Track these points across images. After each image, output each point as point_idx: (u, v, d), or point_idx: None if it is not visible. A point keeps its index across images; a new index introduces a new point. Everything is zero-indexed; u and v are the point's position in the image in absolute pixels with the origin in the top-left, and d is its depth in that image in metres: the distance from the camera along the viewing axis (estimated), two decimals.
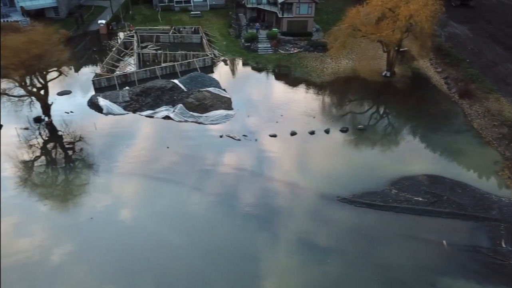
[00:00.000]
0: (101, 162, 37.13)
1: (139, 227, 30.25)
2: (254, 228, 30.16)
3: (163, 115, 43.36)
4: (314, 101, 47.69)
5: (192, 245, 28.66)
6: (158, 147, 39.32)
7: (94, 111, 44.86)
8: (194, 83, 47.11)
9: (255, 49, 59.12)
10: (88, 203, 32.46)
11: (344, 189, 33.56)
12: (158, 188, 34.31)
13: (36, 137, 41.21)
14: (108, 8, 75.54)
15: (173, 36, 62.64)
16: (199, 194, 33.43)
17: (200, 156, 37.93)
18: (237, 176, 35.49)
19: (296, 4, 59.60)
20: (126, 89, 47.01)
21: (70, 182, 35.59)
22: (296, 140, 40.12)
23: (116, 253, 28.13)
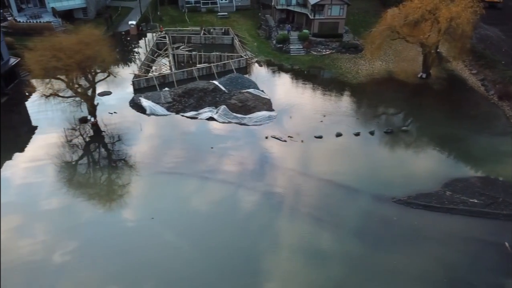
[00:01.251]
0: (149, 162, 37.50)
1: (197, 226, 30.63)
2: (316, 229, 30.40)
3: (207, 117, 43.64)
4: (354, 103, 47.95)
5: (254, 244, 29.00)
6: (202, 147, 39.64)
7: (136, 111, 45.27)
8: (234, 85, 47.39)
9: (288, 50, 59.37)
10: (146, 203, 32.84)
11: (397, 191, 33.79)
12: (212, 188, 34.64)
13: (82, 137, 41.66)
14: (134, 9, 76.10)
15: (204, 37, 62.95)
16: (254, 194, 33.68)
17: (248, 157, 38.21)
18: (288, 177, 35.69)
19: (328, 5, 59.82)
20: (167, 90, 47.33)
21: (122, 182, 35.81)
22: (342, 141, 40.35)
23: (183, 251, 28.52)
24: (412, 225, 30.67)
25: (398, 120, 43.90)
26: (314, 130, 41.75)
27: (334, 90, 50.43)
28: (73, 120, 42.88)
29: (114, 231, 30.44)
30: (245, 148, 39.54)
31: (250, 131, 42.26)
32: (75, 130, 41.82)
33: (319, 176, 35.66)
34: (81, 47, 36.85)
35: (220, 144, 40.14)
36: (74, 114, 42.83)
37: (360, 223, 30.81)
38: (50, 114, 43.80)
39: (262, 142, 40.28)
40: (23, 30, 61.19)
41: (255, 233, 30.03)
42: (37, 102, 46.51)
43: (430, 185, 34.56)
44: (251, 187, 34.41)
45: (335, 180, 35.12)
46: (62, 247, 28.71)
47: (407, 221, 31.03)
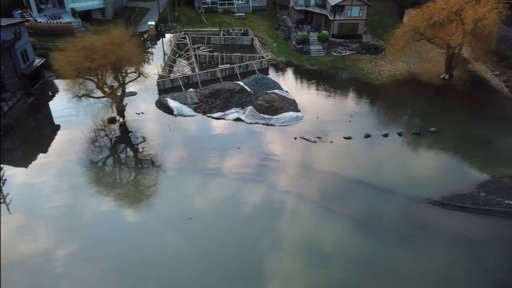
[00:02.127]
0: (179, 162, 37.66)
1: (237, 226, 30.75)
2: (356, 231, 30.42)
3: (234, 118, 43.74)
4: (379, 103, 48.04)
5: (288, 244, 29.14)
6: (230, 147, 39.72)
7: (163, 112, 45.47)
8: (259, 85, 47.51)
9: (308, 51, 59.49)
10: (184, 203, 33.00)
11: (431, 192, 33.84)
12: (246, 188, 34.67)
13: (109, 137, 41.83)
14: (151, 9, 76.38)
15: (224, 38, 63.11)
16: (288, 195, 33.74)
17: (278, 158, 38.30)
18: (321, 178, 35.75)
19: (348, 6, 59.94)
20: (192, 91, 47.47)
21: (152, 182, 36.00)
22: (371, 142, 40.43)
23: (222, 250, 28.67)
24: (449, 226, 30.69)
25: (424, 121, 43.80)
26: (342, 131, 41.87)
27: (358, 91, 50.51)
28: (100, 121, 43.10)
29: (151, 231, 30.66)
30: (274, 149, 39.62)
31: (277, 132, 42.33)
32: (103, 131, 41.99)
33: (352, 177, 35.62)
34: (114, 48, 37.01)
35: (248, 144, 40.31)
36: (102, 115, 43.08)
37: (397, 225, 30.83)
38: (76, 114, 44.23)
39: (291, 142, 40.38)
40: (43, 30, 61.45)
41: (297, 235, 30.18)
42: (62, 102, 47.36)
43: (463, 186, 34.63)
44: (284, 187, 34.49)
45: (368, 181, 35.10)
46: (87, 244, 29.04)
47: (444, 222, 31.06)
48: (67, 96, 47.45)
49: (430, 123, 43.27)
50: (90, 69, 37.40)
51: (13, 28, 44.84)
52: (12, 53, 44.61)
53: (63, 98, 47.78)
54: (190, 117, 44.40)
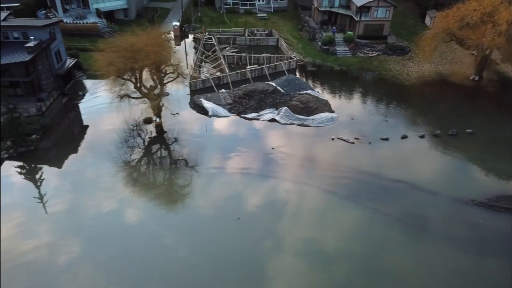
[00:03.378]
0: (217, 162, 37.92)
1: (282, 226, 30.88)
2: (404, 232, 30.51)
3: (269, 118, 43.85)
4: (411, 104, 48.00)
5: (334, 243, 29.28)
6: (265, 147, 39.91)
7: (197, 112, 45.62)
8: (292, 86, 47.56)
9: (334, 52, 59.55)
10: (231, 203, 33.11)
11: (475, 193, 33.93)
12: (285, 188, 34.83)
13: (144, 137, 41.98)
14: (172, 10, 76.56)
15: (249, 39, 63.23)
16: (333, 196, 33.84)
17: (318, 158, 38.36)
18: (363, 179, 35.76)
19: (375, 7, 59.99)
20: (225, 91, 47.58)
21: (194, 182, 36.13)
22: (408, 143, 40.50)
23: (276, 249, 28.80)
24: (499, 227, 30.76)
25: (459, 122, 43.73)
26: (378, 132, 41.97)
27: (388, 92, 50.57)
28: (136, 121, 43.29)
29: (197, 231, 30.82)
30: (313, 149, 39.71)
31: (313, 132, 42.46)
32: (139, 131, 42.18)
33: (394, 178, 35.69)
34: (157, 48, 37.14)
35: (284, 145, 40.41)
36: (138, 115, 43.33)
37: (446, 226, 30.88)
38: (110, 115, 44.34)
39: (329, 143, 40.47)
40: (70, 31, 61.52)
41: (339, 236, 30.30)
42: (95, 102, 47.63)
43: (507, 188, 34.72)
44: (329, 188, 34.59)
45: (410, 182, 35.17)
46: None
47: (492, 223, 31.10)
48: (100, 96, 48.13)
49: (466, 124, 43.26)
50: (133, 69, 37.60)
51: (48, 28, 45.03)
52: (48, 53, 44.79)
53: (95, 98, 48.52)
54: (225, 118, 44.56)
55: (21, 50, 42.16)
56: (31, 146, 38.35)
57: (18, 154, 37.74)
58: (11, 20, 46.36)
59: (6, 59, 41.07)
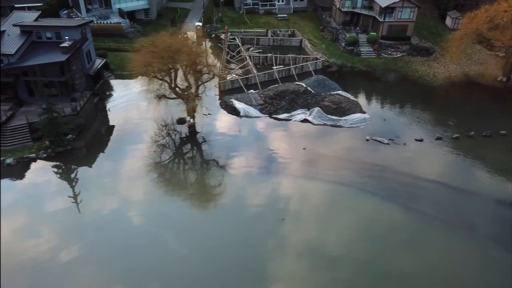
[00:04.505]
0: (252, 162, 38.08)
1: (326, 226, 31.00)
2: (449, 234, 30.54)
3: (301, 119, 43.89)
4: (440, 105, 47.94)
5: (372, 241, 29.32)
6: (297, 148, 39.98)
7: (227, 113, 45.69)
8: (322, 87, 47.63)
9: (358, 53, 59.54)
10: (273, 203, 33.23)
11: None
12: (322, 189, 34.94)
13: (180, 138, 42.11)
14: (192, 10, 76.68)
15: (273, 39, 63.29)
16: (376, 198, 33.77)
17: (354, 159, 38.35)
18: (402, 180, 35.76)
19: (399, 8, 59.97)
20: (254, 92, 47.63)
21: (239, 182, 36.14)
22: (443, 145, 40.46)
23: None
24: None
25: (491, 124, 43.53)
26: (411, 133, 42.01)
27: (417, 93, 50.56)
28: (169, 121, 43.42)
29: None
30: (348, 150, 39.74)
31: (346, 133, 42.48)
32: (173, 131, 42.35)
33: (432, 179, 35.71)
34: (195, 49, 37.26)
35: (318, 145, 40.46)
36: (172, 116, 43.49)
37: (492, 227, 30.90)
38: (143, 115, 44.62)
39: (364, 144, 40.48)
40: (93, 31, 61.29)
41: (380, 241, 30.35)
42: (125, 102, 47.78)
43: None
44: (369, 189, 34.59)
45: (450, 183, 35.21)
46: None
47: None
48: (129, 96, 48.22)
49: (498, 126, 43.16)
50: (170, 70, 37.69)
51: (80, 28, 45.15)
52: (80, 54, 44.91)
53: (125, 98, 48.68)
54: (256, 118, 44.62)
55: (55, 50, 42.32)
56: (68, 146, 38.51)
57: (56, 153, 38.00)
58: (42, 20, 46.54)
59: (41, 59, 41.24)
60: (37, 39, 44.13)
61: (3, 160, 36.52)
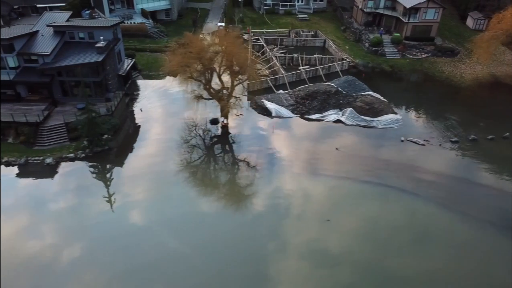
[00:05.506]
0: (287, 162, 38.13)
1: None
2: (500, 237, 30.54)
3: (334, 119, 43.87)
4: (471, 107, 47.85)
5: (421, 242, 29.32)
6: (330, 148, 40.14)
7: (258, 113, 45.68)
8: (352, 87, 47.63)
9: (383, 53, 59.49)
10: (323, 207, 33.24)
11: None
12: (361, 189, 34.94)
13: (213, 138, 42.18)
14: (211, 10, 76.69)
15: (296, 40, 63.28)
16: (418, 200, 33.73)
17: (393, 160, 38.26)
18: (443, 181, 35.77)
19: (424, 9, 59.91)
20: (284, 92, 47.62)
21: (278, 182, 36.14)
22: (479, 146, 40.41)
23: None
24: None
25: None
26: (445, 134, 41.98)
27: (446, 94, 50.48)
28: (201, 121, 43.46)
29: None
30: (384, 151, 39.72)
31: (380, 134, 42.44)
32: (207, 131, 42.47)
33: (475, 180, 35.76)
34: (236, 50, 37.25)
35: (353, 146, 40.47)
36: (206, 116, 43.55)
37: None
38: (175, 115, 44.76)
39: (399, 145, 40.46)
40: None
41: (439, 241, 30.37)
42: (155, 102, 47.86)
43: None
44: (410, 189, 34.57)
45: (497, 186, 35.15)
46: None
47: None
48: (160, 97, 48.29)
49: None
50: (206, 70, 37.75)
51: (112, 29, 45.22)
52: (113, 54, 44.98)
53: (156, 98, 48.78)
54: (288, 118, 44.62)
55: (89, 51, 42.42)
56: (105, 146, 38.59)
57: (93, 153, 38.08)
58: (74, 20, 46.64)
59: (77, 59, 41.34)
60: (69, 39, 44.25)
61: (43, 159, 36.70)
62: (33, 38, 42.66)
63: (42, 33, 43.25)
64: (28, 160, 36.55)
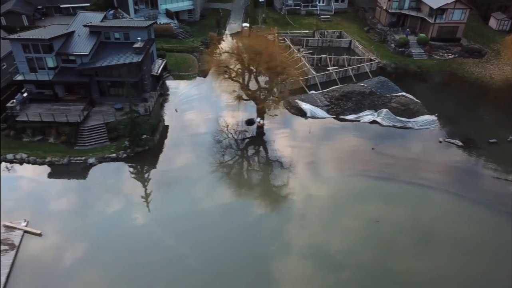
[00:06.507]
0: (326, 163, 38.19)
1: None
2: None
3: (369, 120, 43.83)
4: (505, 107, 47.47)
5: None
6: (366, 148, 40.22)
7: (291, 113, 45.66)
8: (385, 88, 47.60)
9: (410, 54, 59.39)
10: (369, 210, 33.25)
11: None
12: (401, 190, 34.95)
13: (248, 139, 42.23)
14: (232, 11, 76.87)
15: (321, 40, 63.29)
16: (464, 201, 33.74)
17: (434, 161, 38.26)
18: (487, 183, 35.76)
19: (451, 10, 59.82)
20: (317, 93, 47.59)
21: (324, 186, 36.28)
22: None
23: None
24: None
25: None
26: (482, 135, 41.84)
27: (477, 95, 50.53)
28: (240, 122, 43.51)
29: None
30: (423, 152, 39.70)
31: (416, 135, 42.39)
32: (243, 132, 42.58)
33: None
34: (276, 50, 37.32)
35: (390, 146, 40.44)
36: (241, 117, 43.56)
37: None
38: (210, 115, 44.87)
39: (438, 146, 40.42)
40: None
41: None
42: (189, 102, 47.90)
43: None
44: (455, 191, 34.56)
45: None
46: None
47: None
48: (193, 97, 48.27)
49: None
50: (244, 71, 37.79)
51: (147, 29, 45.27)
52: (148, 54, 45.02)
53: (189, 98, 48.84)
54: (322, 119, 44.61)
55: (126, 51, 42.50)
56: (145, 146, 38.65)
57: (134, 153, 38.13)
58: (109, 21, 46.73)
59: (115, 59, 41.40)
60: (105, 39, 44.34)
61: (85, 159, 36.78)
62: (70, 38, 42.76)
63: (78, 34, 43.37)
64: (70, 160, 36.66)
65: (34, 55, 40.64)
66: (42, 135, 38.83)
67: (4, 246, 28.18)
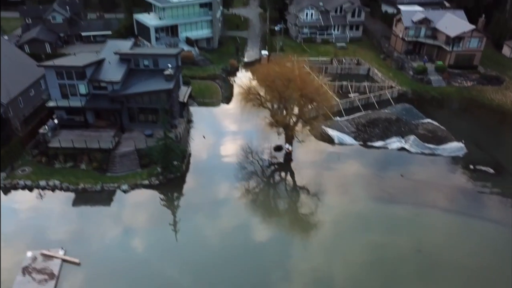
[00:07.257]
0: (358, 191, 38.07)
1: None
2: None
3: (398, 147, 43.84)
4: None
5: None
6: (395, 174, 40.16)
7: (317, 140, 45.53)
8: (410, 115, 47.91)
9: (429, 81, 60.08)
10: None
11: None
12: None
13: (276, 165, 42.16)
14: (249, 39, 78.23)
15: (340, 68, 64.20)
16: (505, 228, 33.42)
17: (464, 187, 38.19)
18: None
19: (468, 38, 60.93)
20: (342, 119, 47.86)
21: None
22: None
23: None
24: None
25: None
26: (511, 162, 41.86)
27: (501, 121, 50.73)
28: (267, 148, 43.55)
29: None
30: (455, 179, 39.59)
31: (444, 162, 42.32)
32: (273, 158, 42.57)
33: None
34: (308, 78, 37.81)
35: (420, 173, 40.33)
36: (270, 143, 43.64)
37: None
38: (233, 141, 45.01)
39: (469, 173, 40.29)
40: None
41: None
42: (213, 130, 48.14)
43: None
44: (490, 217, 34.28)
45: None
46: None
47: None
48: (219, 124, 48.55)
49: None
50: (278, 98, 38.19)
51: (176, 57, 45.98)
52: (176, 81, 45.55)
53: (215, 125, 49.08)
54: (350, 146, 44.67)
55: (155, 78, 43.02)
56: (177, 172, 38.54)
57: (167, 180, 37.97)
58: (138, 48, 47.52)
59: (146, 86, 41.84)
60: (134, 66, 44.96)
61: (118, 186, 36.59)
62: (101, 65, 43.40)
63: (109, 61, 44.02)
64: (103, 187, 36.49)
65: (67, 81, 41.15)
66: (73, 161, 38.81)
67: (43, 275, 27.68)
